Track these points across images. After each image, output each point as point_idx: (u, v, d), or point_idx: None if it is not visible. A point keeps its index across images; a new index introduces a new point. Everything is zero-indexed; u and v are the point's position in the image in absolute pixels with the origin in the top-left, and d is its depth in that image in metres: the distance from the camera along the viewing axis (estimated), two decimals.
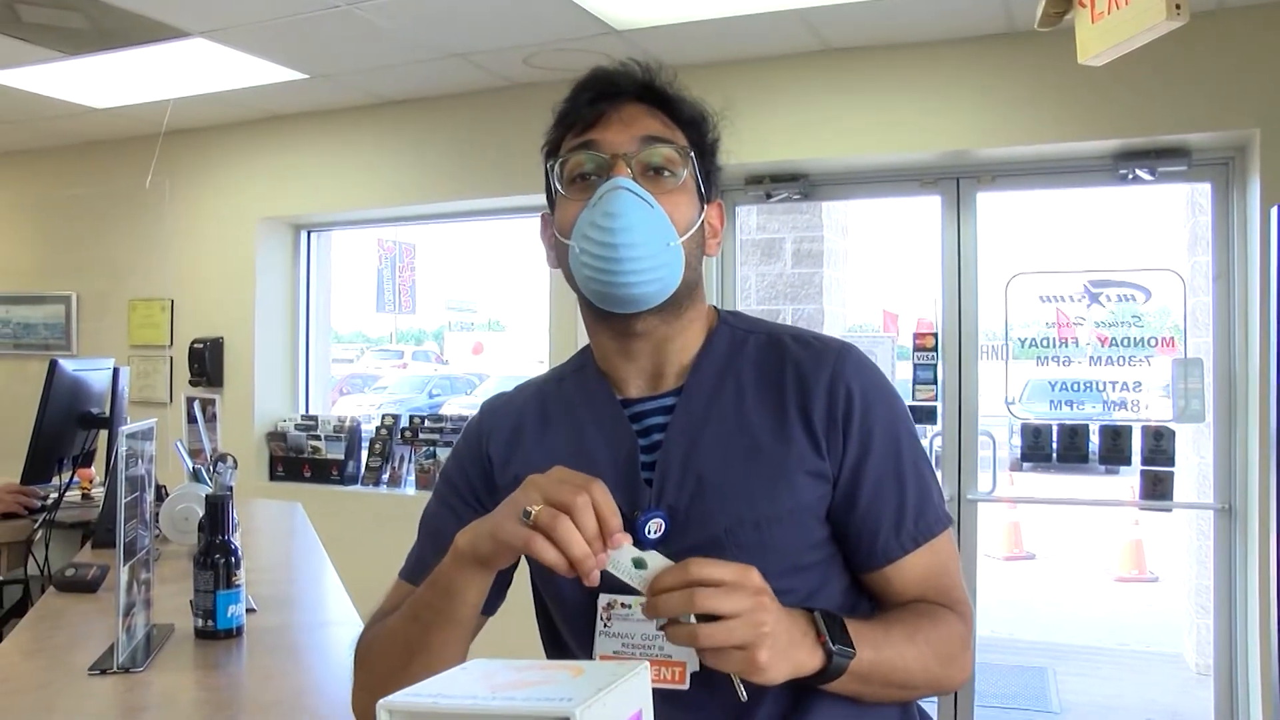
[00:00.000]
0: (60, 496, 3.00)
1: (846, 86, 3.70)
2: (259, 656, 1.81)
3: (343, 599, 2.26)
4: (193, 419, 3.20)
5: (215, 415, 3.24)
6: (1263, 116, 3.20)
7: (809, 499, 1.08)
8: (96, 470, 3.50)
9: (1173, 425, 3.49)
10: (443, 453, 4.52)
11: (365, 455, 4.77)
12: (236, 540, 1.90)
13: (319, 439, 4.80)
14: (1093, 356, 3.60)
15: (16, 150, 5.44)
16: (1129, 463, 3.54)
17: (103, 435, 3.22)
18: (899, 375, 3.81)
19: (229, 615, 1.86)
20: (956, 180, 3.75)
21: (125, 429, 1.70)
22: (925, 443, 2.68)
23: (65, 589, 2.24)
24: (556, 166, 1.13)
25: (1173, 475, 3.50)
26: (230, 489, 2.33)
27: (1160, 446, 3.48)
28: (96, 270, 5.22)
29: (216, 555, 1.84)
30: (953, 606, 1.11)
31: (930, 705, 1.20)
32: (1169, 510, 3.72)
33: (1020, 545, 7.87)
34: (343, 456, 4.74)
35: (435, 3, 3.28)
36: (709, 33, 3.50)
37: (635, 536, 0.99)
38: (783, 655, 0.93)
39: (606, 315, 1.12)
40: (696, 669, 0.98)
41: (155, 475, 1.93)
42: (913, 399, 3.74)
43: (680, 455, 1.10)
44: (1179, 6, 1.32)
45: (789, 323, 3.05)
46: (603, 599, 1.06)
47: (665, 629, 0.94)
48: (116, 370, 3.23)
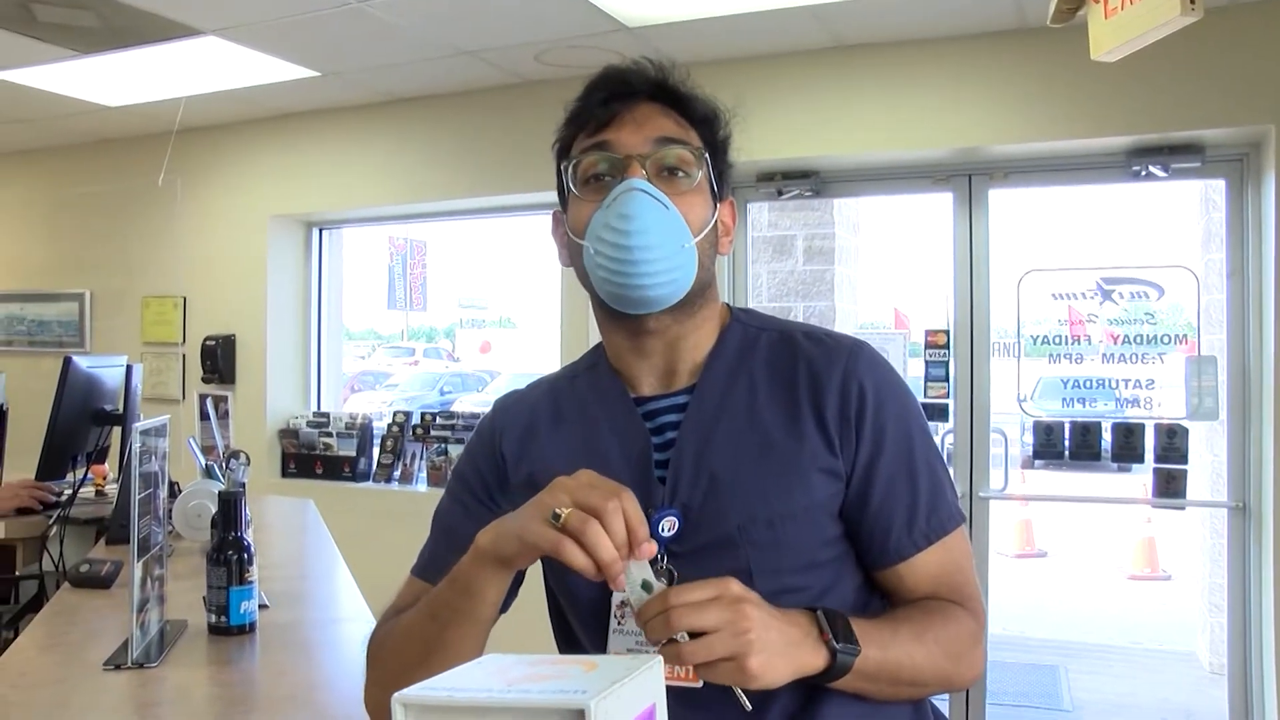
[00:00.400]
0: (74, 493, 3.01)
1: (858, 83, 3.69)
2: (272, 652, 1.82)
3: (355, 595, 2.27)
4: (205, 416, 3.21)
5: (228, 412, 3.25)
6: (1278, 112, 3.18)
7: (822, 496, 1.08)
8: (110, 467, 3.52)
9: (1186, 423, 3.47)
10: (454, 450, 4.53)
11: (377, 452, 4.78)
12: (249, 537, 1.91)
13: (331, 436, 4.81)
14: (1105, 354, 3.58)
15: (30, 148, 5.47)
16: (1141, 460, 3.52)
17: (116, 432, 3.24)
18: (911, 373, 3.80)
19: (242, 611, 1.87)
20: (968, 177, 3.74)
21: (138, 425, 1.70)
22: (937, 440, 2.67)
23: (80, 584, 2.25)
24: (570, 167, 1.12)
25: (1186, 473, 3.49)
26: (243, 485, 2.35)
27: (1173, 444, 3.46)
28: (110, 268, 5.25)
29: (229, 551, 1.85)
30: (964, 603, 1.11)
31: (941, 703, 1.20)
32: (1182, 508, 3.70)
33: (1032, 543, 7.84)
34: (354, 453, 4.75)
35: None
36: (720, 29, 3.49)
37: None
38: (779, 658, 0.92)
39: (619, 315, 1.12)
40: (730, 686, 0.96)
41: (168, 472, 1.93)
42: (924, 396, 3.73)
43: (693, 453, 1.10)
44: (1193, 2, 1.31)
45: (800, 320, 3.05)
46: (616, 597, 1.06)
47: (662, 651, 0.93)
48: (130, 367, 3.25)
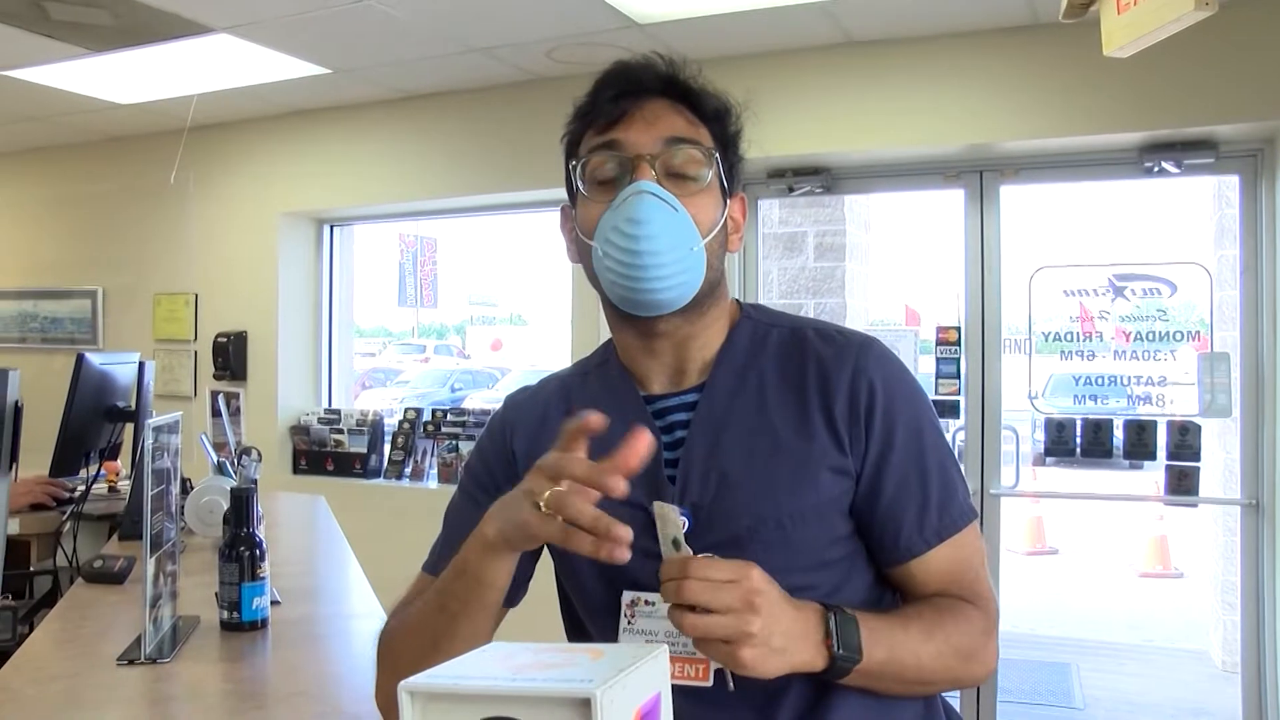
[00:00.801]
0: (88, 489, 3.03)
1: (869, 79, 3.68)
2: (283, 648, 1.83)
3: (366, 591, 2.28)
4: (217, 412, 3.23)
5: (239, 409, 3.27)
6: None
7: (832, 495, 1.08)
8: (123, 463, 3.54)
9: (1198, 420, 3.45)
10: (465, 446, 4.54)
11: (388, 449, 4.79)
12: (261, 533, 1.92)
13: (342, 432, 4.83)
14: (1117, 350, 3.57)
15: (43, 146, 5.49)
16: (1154, 457, 3.51)
17: (129, 428, 3.26)
18: (922, 369, 3.79)
19: (254, 607, 1.87)
20: (980, 173, 3.72)
21: (151, 422, 1.71)
22: (948, 437, 2.66)
23: (93, 580, 2.26)
24: (578, 165, 1.11)
25: (1198, 470, 3.47)
26: (254, 482, 2.36)
27: (1186, 441, 3.45)
28: (122, 265, 5.27)
29: (241, 548, 1.86)
30: (976, 601, 1.10)
31: (953, 700, 1.20)
32: (1194, 505, 3.69)
33: (1043, 540, 7.81)
34: (365, 450, 4.76)
35: None
36: (731, 26, 3.49)
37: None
38: (775, 655, 0.93)
39: (629, 315, 1.11)
40: (720, 666, 0.97)
41: (180, 468, 1.94)
42: (935, 393, 3.72)
43: (703, 452, 1.10)
44: None
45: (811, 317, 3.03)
46: (626, 595, 1.07)
47: (669, 612, 0.94)
48: (142, 364, 3.26)
